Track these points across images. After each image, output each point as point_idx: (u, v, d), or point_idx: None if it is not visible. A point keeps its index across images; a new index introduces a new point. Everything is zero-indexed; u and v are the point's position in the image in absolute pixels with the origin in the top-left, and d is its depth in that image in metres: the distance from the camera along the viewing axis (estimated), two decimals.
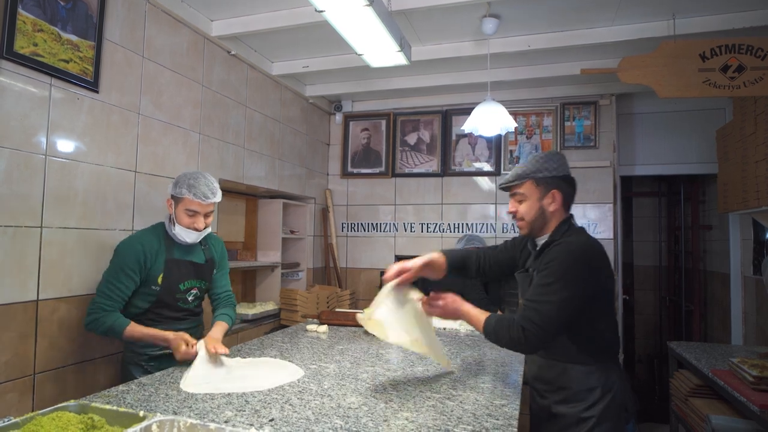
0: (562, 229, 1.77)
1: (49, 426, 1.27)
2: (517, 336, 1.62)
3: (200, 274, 2.32)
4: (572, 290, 1.61)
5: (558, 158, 1.80)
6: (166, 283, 2.18)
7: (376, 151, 4.98)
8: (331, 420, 1.45)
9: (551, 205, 1.77)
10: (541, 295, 1.63)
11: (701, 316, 4.97)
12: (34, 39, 2.07)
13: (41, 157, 2.15)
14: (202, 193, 2.13)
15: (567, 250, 1.66)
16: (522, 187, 1.81)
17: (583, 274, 1.63)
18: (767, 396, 2.06)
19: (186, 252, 2.27)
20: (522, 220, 1.82)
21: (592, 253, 1.69)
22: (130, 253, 2.11)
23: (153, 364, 2.19)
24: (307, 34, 3.36)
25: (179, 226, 2.18)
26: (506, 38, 3.40)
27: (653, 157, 4.56)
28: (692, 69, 2.88)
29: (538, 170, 1.78)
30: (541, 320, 1.60)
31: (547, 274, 1.65)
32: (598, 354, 1.73)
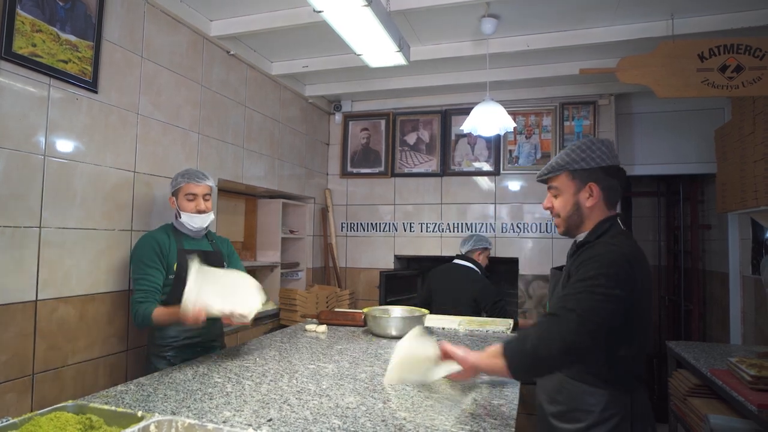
0: (601, 228, 1.54)
1: (48, 426, 1.28)
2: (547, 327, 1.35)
3: (210, 261, 2.35)
4: (619, 290, 1.34)
5: (600, 146, 1.56)
6: (179, 271, 2.29)
7: (376, 150, 4.98)
8: (329, 420, 1.45)
9: (588, 200, 1.56)
10: (577, 288, 1.38)
11: (700, 316, 4.98)
12: (32, 39, 2.07)
13: (40, 157, 2.16)
14: (195, 176, 2.38)
15: (611, 253, 1.42)
16: (557, 180, 1.62)
17: (630, 278, 1.38)
18: (765, 395, 2.06)
19: (195, 243, 2.43)
20: (558, 217, 1.64)
21: (636, 259, 1.43)
22: (145, 247, 2.28)
23: (176, 355, 2.30)
24: (306, 34, 3.36)
25: (185, 213, 2.37)
26: (505, 38, 3.40)
27: (652, 157, 4.56)
28: (691, 69, 2.88)
29: (574, 161, 1.57)
30: (578, 306, 1.33)
31: (586, 269, 1.40)
32: (610, 379, 1.46)
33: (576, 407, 1.49)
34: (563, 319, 1.33)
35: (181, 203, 2.38)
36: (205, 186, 2.41)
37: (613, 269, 1.37)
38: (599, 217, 1.57)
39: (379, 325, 2.68)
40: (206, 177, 2.43)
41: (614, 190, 1.58)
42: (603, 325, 1.32)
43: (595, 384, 1.47)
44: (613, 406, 1.45)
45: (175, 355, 2.31)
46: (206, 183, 2.41)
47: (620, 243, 1.46)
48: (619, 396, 1.46)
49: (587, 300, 1.33)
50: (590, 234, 1.56)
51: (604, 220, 1.56)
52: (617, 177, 1.57)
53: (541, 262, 4.42)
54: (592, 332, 1.31)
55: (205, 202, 2.40)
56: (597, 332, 1.31)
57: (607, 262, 1.39)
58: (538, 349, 1.33)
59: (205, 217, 2.41)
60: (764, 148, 2.97)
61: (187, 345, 2.33)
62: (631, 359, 1.47)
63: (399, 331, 2.63)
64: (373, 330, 2.74)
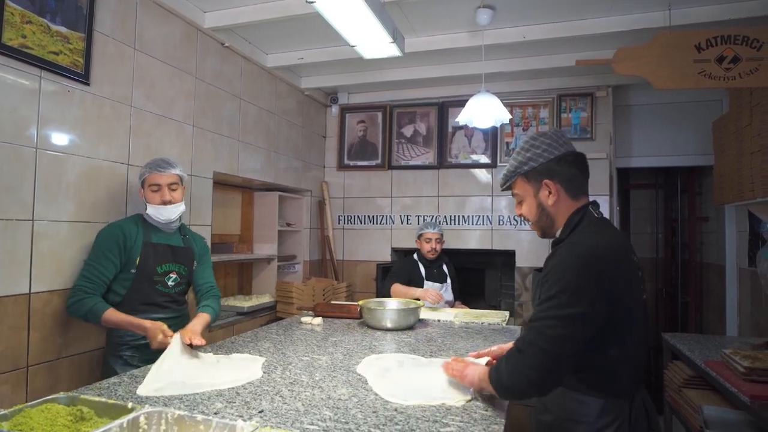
0: (572, 223, 1.45)
1: (38, 418, 1.28)
2: (514, 363, 1.32)
3: (178, 257, 2.34)
4: (581, 305, 1.26)
5: (542, 140, 1.48)
6: (142, 265, 2.21)
7: (373, 143, 4.97)
8: (320, 411, 1.45)
9: (549, 198, 1.47)
10: (542, 312, 1.31)
11: (697, 308, 4.98)
12: (22, 31, 2.05)
13: (32, 149, 2.15)
14: (157, 165, 2.27)
15: (571, 253, 1.33)
16: (515, 187, 1.56)
17: (591, 283, 1.28)
18: (758, 386, 2.06)
19: (164, 236, 2.32)
20: (530, 222, 1.58)
21: (603, 256, 1.31)
22: (109, 236, 2.19)
23: (134, 355, 2.19)
24: (301, 26, 3.34)
25: (150, 205, 2.26)
26: (501, 29, 3.38)
27: (650, 149, 4.55)
28: (687, 60, 2.86)
29: (522, 163, 1.50)
30: (538, 338, 1.28)
31: (549, 285, 1.32)
32: (603, 386, 1.36)
33: (567, 417, 1.39)
34: (526, 355, 1.30)
35: (147, 195, 2.27)
36: (171, 175, 2.27)
37: (572, 282, 1.28)
38: (568, 211, 1.48)
39: (374, 317, 2.68)
40: (171, 165, 2.29)
41: (575, 179, 1.48)
42: (567, 354, 1.27)
43: (587, 392, 1.37)
44: (608, 415, 1.34)
45: (133, 355, 2.19)
46: (171, 172, 2.27)
47: (587, 237, 1.37)
48: (615, 403, 1.35)
49: (547, 329, 1.28)
50: (563, 231, 1.48)
51: (574, 213, 1.47)
52: (574, 164, 1.47)
53: (538, 254, 4.42)
54: (555, 365, 1.27)
55: (171, 192, 2.26)
56: (560, 364, 1.27)
57: (566, 272, 1.30)
58: (511, 384, 1.34)
59: (172, 208, 2.27)
60: (761, 139, 2.96)
61: (145, 345, 2.12)
62: (626, 360, 1.36)
63: (394, 324, 2.63)
64: (368, 322, 2.74)
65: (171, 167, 2.28)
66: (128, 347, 2.20)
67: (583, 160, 1.50)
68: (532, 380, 1.28)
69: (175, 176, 2.29)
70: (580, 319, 1.26)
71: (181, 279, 2.36)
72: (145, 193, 2.27)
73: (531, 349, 1.29)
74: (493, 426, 1.37)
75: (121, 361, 2.18)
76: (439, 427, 1.34)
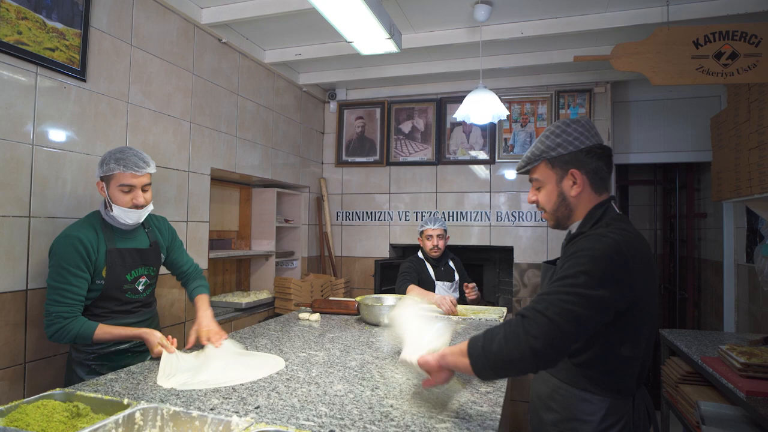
0: (594, 216, 1.38)
1: (34, 414, 1.28)
2: (513, 329, 1.21)
3: (147, 260, 2.12)
4: (602, 290, 1.19)
5: (575, 128, 1.41)
6: (111, 276, 1.98)
7: (371, 139, 4.96)
8: (316, 407, 1.45)
9: (573, 188, 1.40)
10: (558, 287, 1.23)
11: (695, 304, 4.99)
12: (18, 27, 2.05)
13: (28, 146, 2.14)
14: (133, 163, 1.94)
15: (600, 242, 1.26)
16: (536, 172, 1.47)
17: (617, 273, 1.22)
18: (754, 382, 2.07)
19: (128, 239, 2.06)
20: (545, 211, 1.49)
21: (630, 251, 1.25)
22: (68, 251, 1.88)
23: (103, 363, 2.02)
24: (298, 22, 3.33)
25: (117, 207, 1.96)
26: (499, 25, 3.37)
27: (648, 145, 4.55)
28: (686, 56, 2.86)
29: (550, 147, 1.42)
30: (549, 308, 1.19)
31: (569, 266, 1.25)
32: (610, 384, 1.32)
33: (572, 416, 1.35)
34: (531, 321, 1.20)
35: (114, 194, 1.95)
36: (146, 176, 1.99)
37: (598, 265, 1.21)
38: (589, 204, 1.41)
39: (371, 313, 2.69)
40: (147, 164, 1.99)
41: (601, 173, 1.41)
42: (574, 332, 1.19)
43: (593, 390, 1.32)
44: (614, 415, 1.31)
45: (101, 363, 2.00)
46: (147, 171, 1.99)
47: (614, 231, 1.29)
48: (621, 402, 1.32)
49: (560, 302, 1.19)
50: (583, 224, 1.40)
51: (597, 206, 1.40)
52: (602, 157, 1.41)
53: (537, 250, 4.42)
54: (560, 340, 1.18)
55: (144, 194, 1.99)
56: (565, 340, 1.19)
57: (593, 257, 1.23)
58: (502, 352, 1.21)
59: (143, 211, 2.02)
60: (759, 135, 2.96)
61: (113, 353, 2.03)
62: (635, 360, 1.32)
63: (391, 320, 2.63)
64: (365, 318, 2.74)
65: (147, 166, 1.99)
66: (97, 356, 2.01)
67: (610, 154, 1.44)
68: (532, 349, 1.17)
69: (149, 175, 2.03)
70: (597, 303, 1.19)
71: (151, 280, 2.17)
72: (111, 191, 1.96)
73: (539, 317, 1.19)
74: (488, 422, 1.37)
75: (86, 369, 2.00)
76: (434, 423, 1.34)
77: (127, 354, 2.09)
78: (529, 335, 1.18)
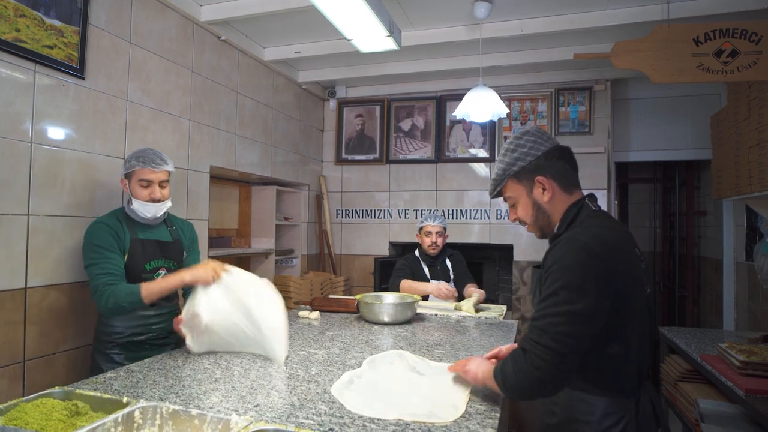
0: (569, 217, 1.43)
1: (33, 412, 1.28)
2: (520, 365, 1.28)
3: (167, 253, 2.24)
4: (583, 302, 1.23)
5: (526, 138, 1.47)
6: (130, 263, 2.10)
7: (371, 137, 4.96)
8: (315, 405, 1.45)
9: (544, 194, 1.44)
10: (544, 310, 1.28)
11: (694, 302, 5.00)
12: (16, 24, 2.04)
13: (27, 144, 2.14)
14: (151, 160, 2.12)
15: (571, 248, 1.29)
16: (507, 190, 1.52)
17: (594, 280, 1.24)
18: (753, 380, 2.07)
19: (149, 232, 2.20)
20: (527, 225, 1.54)
21: (604, 249, 1.27)
22: (101, 232, 2.06)
23: (120, 353, 2.12)
24: (298, 19, 3.33)
25: (137, 201, 2.13)
26: (499, 22, 3.36)
27: (648, 143, 4.54)
28: (686, 54, 2.85)
29: (510, 164, 1.47)
30: (542, 337, 1.25)
31: (549, 282, 1.29)
32: (607, 383, 1.34)
33: (572, 418, 1.37)
34: (531, 354, 1.26)
35: (134, 189, 2.13)
36: (163, 172, 2.17)
37: (572, 274, 1.25)
38: (563, 206, 1.45)
39: (371, 311, 2.69)
40: (164, 161, 2.18)
41: (565, 173, 1.45)
42: (576, 349, 1.24)
43: (591, 390, 1.34)
44: (614, 414, 1.32)
45: (120, 352, 2.12)
46: (164, 168, 2.17)
47: (584, 232, 1.32)
48: (621, 401, 1.33)
49: (552, 326, 1.24)
50: (559, 226, 1.45)
51: (570, 206, 1.44)
52: (561, 157, 1.45)
53: (536, 249, 4.42)
54: (563, 362, 1.23)
55: (161, 190, 2.16)
56: (569, 360, 1.24)
57: (567, 267, 1.27)
58: (517, 385, 1.30)
59: (161, 206, 2.17)
60: (759, 133, 2.96)
61: (132, 342, 2.13)
62: (629, 356, 1.33)
63: (391, 318, 2.63)
64: (365, 316, 2.74)
65: (164, 163, 2.18)
66: (115, 345, 2.12)
67: (570, 153, 1.48)
68: (539, 379, 1.25)
69: (167, 173, 2.20)
70: (583, 316, 1.24)
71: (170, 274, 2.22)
72: (132, 186, 2.14)
73: (536, 348, 1.25)
74: (488, 420, 1.37)
75: (106, 359, 2.11)
76: (433, 420, 1.34)
77: (144, 346, 2.16)
78: (533, 368, 1.25)
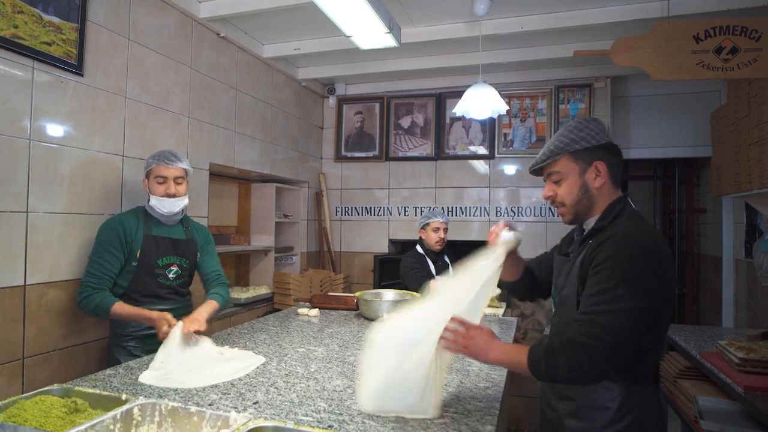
0: (614, 210, 1.41)
1: (32, 409, 1.28)
2: (576, 358, 1.24)
3: (180, 250, 2.34)
4: (644, 299, 1.24)
5: (596, 124, 1.46)
6: (143, 258, 2.22)
7: (370, 134, 4.95)
8: (314, 402, 1.45)
9: (596, 179, 1.42)
10: (600, 305, 1.25)
11: (694, 299, 5.00)
12: (14, 21, 2.03)
13: (25, 141, 2.13)
14: (165, 157, 2.26)
15: (630, 244, 1.29)
16: (557, 164, 1.46)
17: (655, 277, 1.26)
18: (752, 377, 2.07)
19: (165, 229, 2.32)
20: (563, 206, 1.48)
21: (661, 249, 1.30)
22: (109, 231, 2.20)
23: (137, 346, 2.22)
24: (297, 16, 3.31)
25: (154, 197, 2.26)
26: (499, 19, 3.35)
27: (648, 141, 4.54)
28: (686, 51, 2.84)
29: (574, 141, 1.43)
30: (605, 333, 1.22)
31: (605, 276, 1.27)
32: (629, 373, 1.35)
33: (591, 404, 1.37)
34: (591, 349, 1.23)
35: (152, 186, 2.27)
36: (177, 169, 2.28)
37: (633, 272, 1.25)
38: (609, 198, 1.44)
39: (370, 308, 2.69)
40: (179, 159, 2.30)
41: (618, 168, 1.46)
42: (631, 343, 1.25)
43: (614, 378, 1.33)
44: (630, 402, 1.34)
45: (136, 345, 2.22)
46: (178, 165, 2.29)
47: (639, 230, 1.33)
48: (636, 390, 1.35)
49: (614, 323, 1.23)
50: (602, 218, 1.41)
51: (616, 201, 1.43)
52: (617, 155, 1.46)
53: (536, 246, 4.42)
54: (620, 356, 1.25)
55: (176, 186, 2.28)
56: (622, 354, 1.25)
57: (626, 263, 1.26)
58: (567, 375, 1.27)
59: (176, 201, 2.28)
60: (759, 131, 2.95)
61: (148, 336, 2.20)
62: (652, 348, 1.35)
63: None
64: (365, 314, 2.75)
65: (179, 161, 2.29)
66: (132, 338, 2.22)
67: (620, 152, 1.49)
68: (601, 373, 1.26)
69: (182, 170, 2.30)
70: (644, 312, 1.25)
71: (183, 272, 2.36)
72: (150, 184, 2.28)
73: (598, 344, 1.22)
74: (487, 417, 1.37)
75: (124, 352, 2.21)
76: (433, 418, 1.34)
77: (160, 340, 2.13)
78: (593, 364, 1.23)
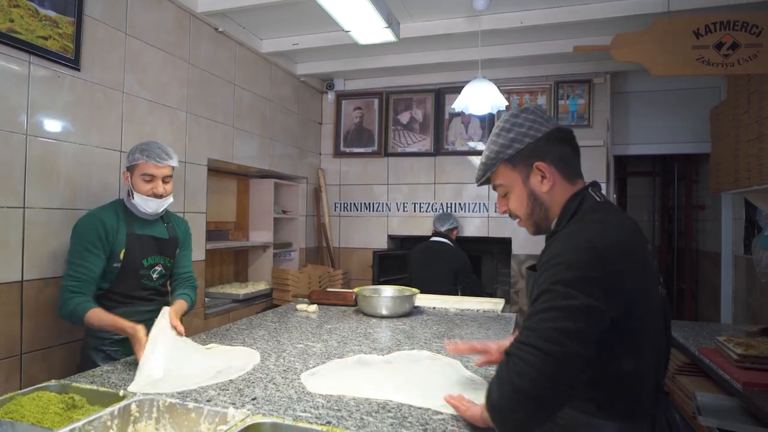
0: (570, 210, 1.19)
1: (29, 406, 1.28)
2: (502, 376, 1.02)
3: (164, 250, 2.18)
4: (583, 296, 0.99)
5: (526, 116, 1.24)
6: (128, 259, 2.05)
7: (369, 130, 4.94)
8: (313, 399, 1.45)
9: (543, 183, 1.22)
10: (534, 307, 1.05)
11: (692, 295, 5.01)
12: (10, 15, 2.02)
13: (22, 136, 2.12)
14: (155, 155, 2.05)
15: (567, 244, 1.08)
16: (497, 176, 1.29)
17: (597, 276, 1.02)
18: (751, 373, 2.07)
19: (147, 227, 2.14)
20: (520, 219, 1.31)
21: (609, 245, 1.05)
22: (88, 230, 1.98)
23: (116, 349, 2.04)
24: (296, 11, 3.30)
25: (138, 195, 2.06)
26: (498, 14, 3.34)
27: (648, 137, 4.53)
28: (686, 46, 2.83)
29: (504, 146, 1.23)
30: (535, 338, 0.99)
31: (542, 279, 1.07)
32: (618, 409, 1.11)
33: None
34: (516, 358, 1.00)
35: (136, 182, 2.05)
36: (167, 167, 2.09)
37: (571, 271, 1.02)
38: (565, 196, 1.22)
39: (369, 304, 2.68)
40: (169, 156, 2.09)
41: (567, 159, 1.23)
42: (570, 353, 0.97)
43: (598, 414, 1.10)
44: None
45: (116, 349, 2.03)
46: (168, 163, 2.08)
47: (585, 227, 1.10)
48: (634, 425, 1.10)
49: (542, 322, 1.00)
50: (558, 221, 1.22)
51: (571, 197, 1.21)
52: (564, 140, 1.23)
53: (534, 242, 4.41)
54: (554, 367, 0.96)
55: (164, 185, 2.08)
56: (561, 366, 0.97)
57: (564, 263, 1.04)
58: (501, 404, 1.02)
59: (162, 201, 2.09)
60: (758, 127, 2.95)
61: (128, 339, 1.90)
62: (643, 372, 1.10)
63: (389, 311, 2.63)
64: (363, 309, 2.74)
65: (169, 158, 2.09)
66: (111, 341, 2.04)
67: (572, 136, 1.26)
68: (522, 392, 0.97)
69: (171, 168, 2.12)
70: (584, 311, 0.99)
71: (166, 271, 2.22)
72: (134, 179, 2.06)
73: (522, 350, 1.00)
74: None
75: (102, 355, 2.04)
76: (431, 414, 1.34)
77: None
78: (516, 376, 0.98)
